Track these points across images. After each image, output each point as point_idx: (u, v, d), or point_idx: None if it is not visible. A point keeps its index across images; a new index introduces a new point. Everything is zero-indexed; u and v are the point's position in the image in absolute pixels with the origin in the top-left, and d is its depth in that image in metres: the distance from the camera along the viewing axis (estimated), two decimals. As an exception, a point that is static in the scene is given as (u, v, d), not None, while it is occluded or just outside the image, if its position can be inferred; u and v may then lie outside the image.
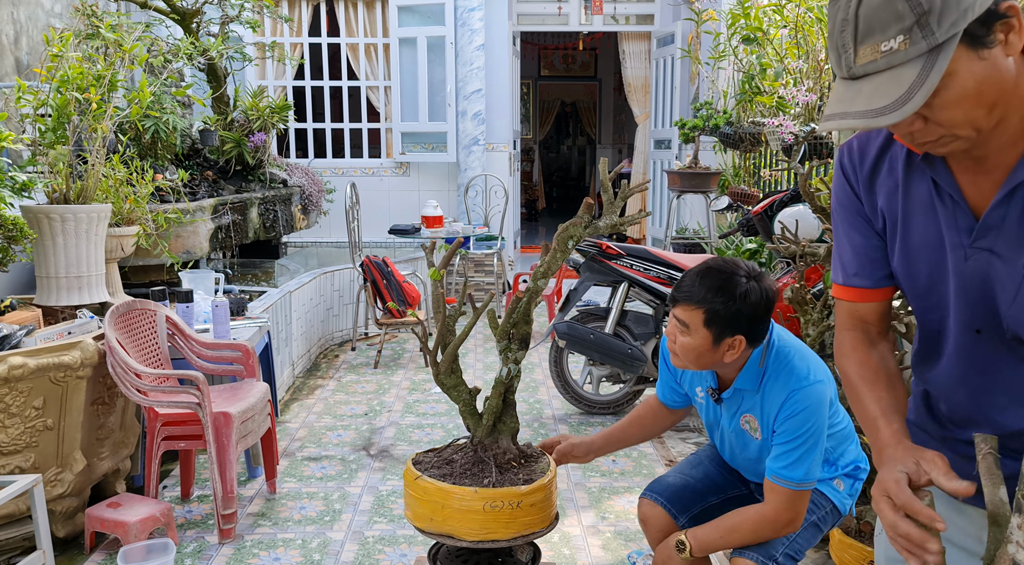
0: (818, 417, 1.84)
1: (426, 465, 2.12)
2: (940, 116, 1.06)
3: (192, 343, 3.31)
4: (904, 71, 1.01)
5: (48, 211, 3.21)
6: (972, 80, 1.03)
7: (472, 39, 7.70)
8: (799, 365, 1.89)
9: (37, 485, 2.47)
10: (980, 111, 1.06)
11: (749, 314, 1.82)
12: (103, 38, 4.06)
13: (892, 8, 1.01)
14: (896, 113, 1.01)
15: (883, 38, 1.02)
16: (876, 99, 1.02)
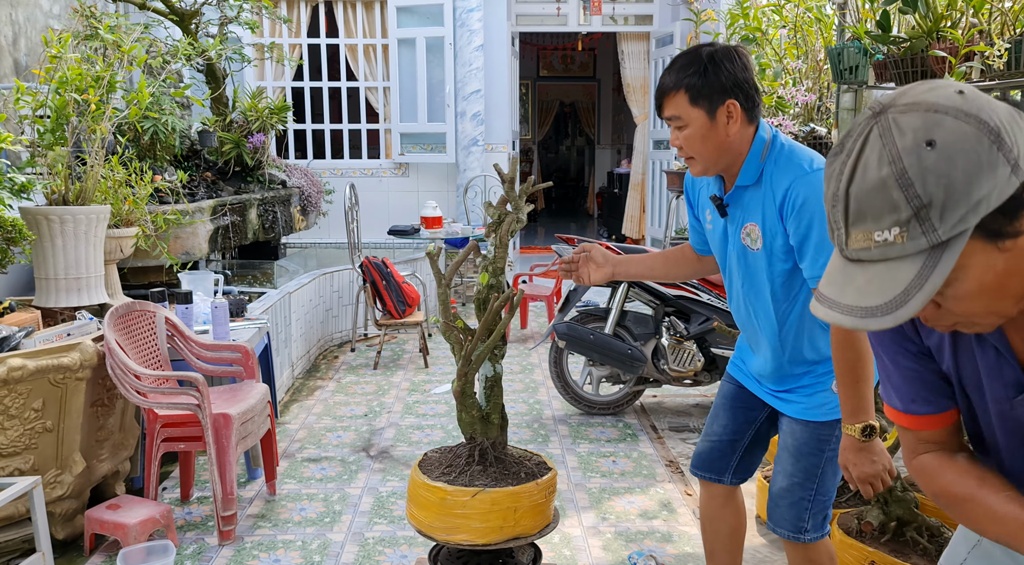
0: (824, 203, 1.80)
1: (429, 468, 2.12)
2: (954, 307, 0.93)
3: (191, 344, 3.31)
4: (901, 267, 0.87)
5: (47, 212, 3.20)
6: (991, 274, 0.90)
7: (471, 40, 7.70)
8: (801, 155, 1.82)
9: (36, 487, 2.46)
10: (1006, 302, 0.93)
11: (725, 73, 1.77)
12: (102, 39, 4.06)
13: (886, 196, 0.86)
14: (889, 317, 0.86)
15: (876, 227, 0.87)
16: (868, 295, 0.88)
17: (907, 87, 0.93)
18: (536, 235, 11.94)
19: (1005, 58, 2.58)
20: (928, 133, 0.85)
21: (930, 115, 0.86)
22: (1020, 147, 0.86)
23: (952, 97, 0.88)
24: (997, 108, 0.88)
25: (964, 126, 0.85)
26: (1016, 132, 0.87)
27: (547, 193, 15.42)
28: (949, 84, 0.90)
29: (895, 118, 0.88)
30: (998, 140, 0.85)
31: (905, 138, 0.86)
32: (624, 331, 4.22)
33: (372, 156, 8.55)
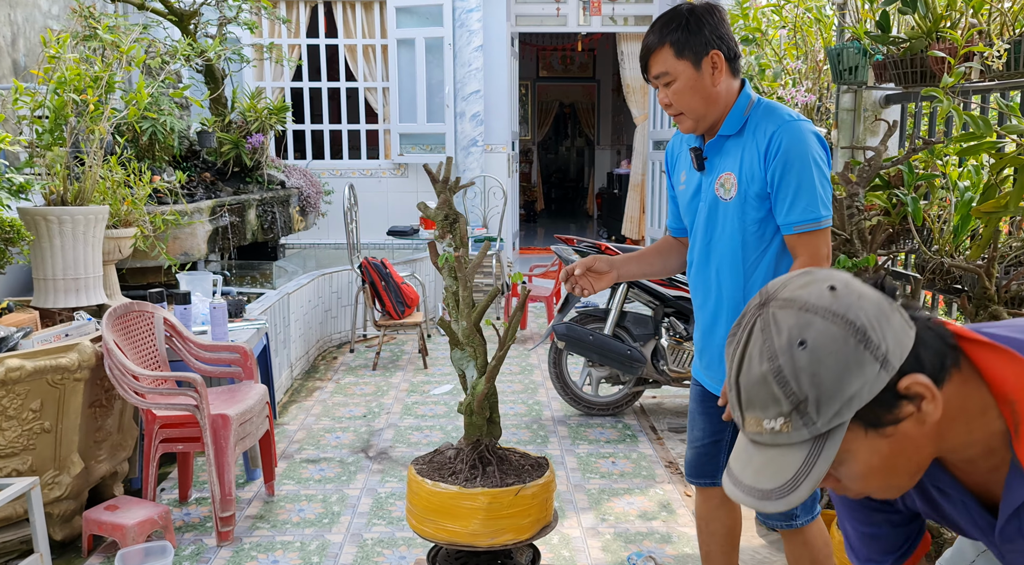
0: (807, 149, 1.83)
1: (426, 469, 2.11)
2: (851, 485, 0.99)
3: (190, 345, 3.30)
4: (789, 454, 0.93)
5: (45, 213, 3.20)
6: (877, 457, 0.95)
7: (470, 40, 7.70)
8: (783, 110, 1.91)
9: (34, 488, 2.45)
10: (899, 478, 0.99)
11: (708, 27, 1.85)
12: (100, 39, 4.06)
13: (768, 390, 0.93)
14: (782, 501, 0.93)
15: (764, 416, 0.94)
16: (763, 478, 0.95)
17: (789, 277, 0.99)
18: (536, 236, 11.94)
19: (1004, 58, 2.58)
20: (800, 333, 0.92)
21: (803, 314, 0.92)
22: (888, 342, 0.91)
23: (823, 295, 0.93)
24: (866, 305, 0.93)
25: (832, 327, 0.91)
26: (884, 328, 0.91)
27: (547, 194, 15.41)
28: (825, 277, 0.96)
29: (774, 313, 0.95)
30: (865, 339, 0.90)
31: (781, 337, 0.93)
32: (623, 332, 4.22)
33: (371, 157, 8.54)
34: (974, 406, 0.97)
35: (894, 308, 0.94)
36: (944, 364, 0.95)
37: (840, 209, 2.77)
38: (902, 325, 0.93)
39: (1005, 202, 2.42)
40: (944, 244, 3.03)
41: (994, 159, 2.48)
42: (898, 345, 0.92)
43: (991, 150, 2.41)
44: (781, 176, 1.84)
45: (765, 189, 1.88)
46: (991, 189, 2.65)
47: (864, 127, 4.29)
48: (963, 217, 2.94)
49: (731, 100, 1.93)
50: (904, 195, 2.99)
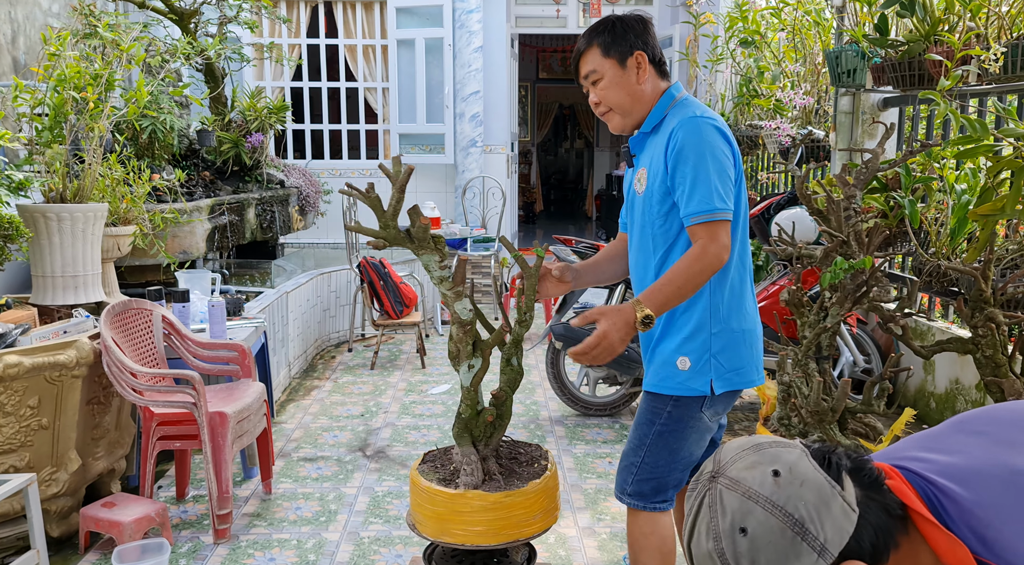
0: (702, 144, 1.87)
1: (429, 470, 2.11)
2: None
3: (188, 343, 3.31)
4: None
5: (44, 210, 3.20)
6: None
7: (470, 41, 7.70)
8: (693, 106, 1.97)
9: (31, 484, 2.46)
10: None
11: (632, 31, 1.98)
12: (100, 37, 4.06)
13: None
14: None
15: None
16: None
17: (737, 450, 1.03)
18: (535, 237, 11.95)
19: (1001, 62, 2.59)
20: (742, 520, 0.96)
21: (744, 502, 0.97)
22: (827, 532, 0.95)
23: (766, 482, 0.97)
24: (806, 494, 0.96)
25: (771, 519, 0.95)
26: (824, 517, 0.95)
27: (546, 195, 15.43)
28: (771, 459, 0.99)
29: (721, 493, 0.99)
30: (803, 531, 0.94)
31: (725, 520, 0.97)
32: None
33: (371, 157, 8.55)
34: None
35: (835, 494, 0.97)
36: (887, 541, 0.98)
37: (837, 211, 2.78)
38: (843, 511, 0.96)
39: (1002, 205, 2.43)
40: (941, 247, 3.04)
41: (991, 162, 2.49)
42: (837, 533, 0.95)
43: (988, 153, 2.42)
44: (677, 169, 1.89)
45: (665, 182, 1.93)
46: (988, 192, 2.66)
47: (862, 130, 4.30)
48: (960, 220, 2.95)
49: (656, 100, 2.02)
50: (901, 198, 3.00)
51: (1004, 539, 0.97)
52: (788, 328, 3.86)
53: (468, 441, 2.07)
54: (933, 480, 1.03)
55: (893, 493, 1.01)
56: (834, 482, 0.98)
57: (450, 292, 1.98)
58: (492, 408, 2.07)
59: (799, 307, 2.96)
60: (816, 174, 4.58)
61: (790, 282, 3.48)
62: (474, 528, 1.98)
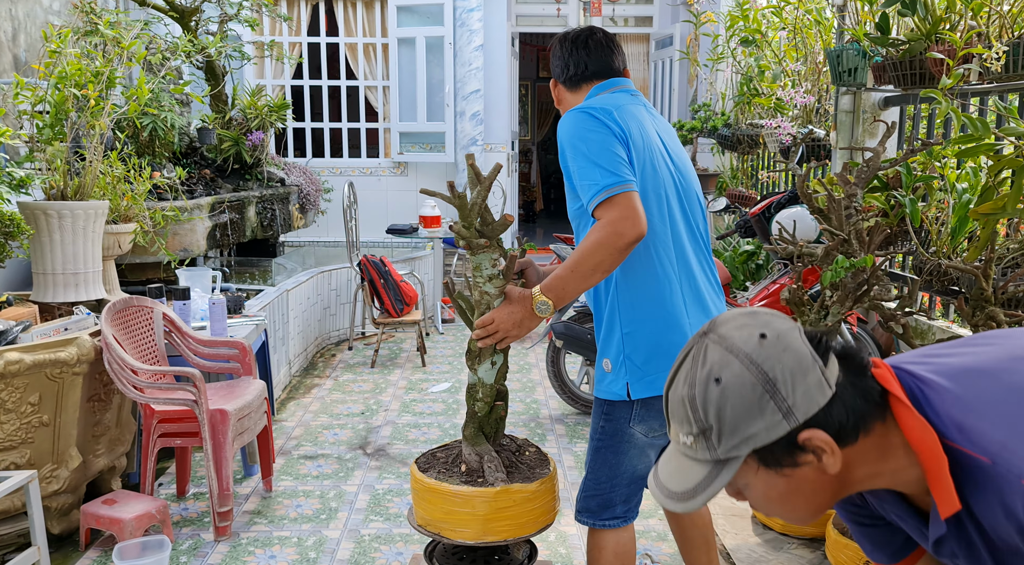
0: (570, 136, 1.89)
1: (429, 467, 2.11)
2: (758, 509, 1.10)
3: (189, 340, 3.31)
4: (695, 468, 1.04)
5: (45, 207, 3.20)
6: (775, 491, 1.05)
7: (471, 40, 7.70)
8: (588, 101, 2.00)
9: (32, 481, 2.46)
10: (799, 513, 1.07)
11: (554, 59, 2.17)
12: (101, 35, 4.06)
13: (684, 410, 1.04)
14: (681, 505, 1.04)
15: (680, 430, 1.05)
16: (673, 480, 1.06)
17: (734, 314, 1.08)
18: (535, 236, 11.94)
19: (1003, 61, 2.59)
20: (719, 371, 1.01)
21: (726, 355, 1.02)
22: (797, 398, 0.99)
23: (751, 341, 1.02)
24: (787, 359, 1.00)
25: (746, 373, 1.00)
26: (797, 384, 0.99)
27: (546, 194, 15.42)
28: (763, 324, 1.04)
29: (707, 346, 1.04)
30: (772, 390, 0.99)
31: (703, 369, 1.02)
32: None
33: (371, 155, 8.55)
34: (895, 456, 1.04)
35: (815, 367, 1.00)
36: (857, 423, 1.01)
37: (838, 210, 2.78)
38: (818, 384, 1.00)
39: (1003, 204, 2.43)
40: (942, 245, 3.04)
41: (992, 161, 2.49)
42: (807, 401, 0.99)
43: (989, 152, 2.42)
44: (566, 167, 1.92)
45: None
46: (989, 191, 2.66)
47: (863, 128, 4.30)
48: (961, 219, 2.95)
49: None
50: (902, 196, 3.00)
51: (983, 427, 0.97)
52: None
53: (483, 440, 2.06)
54: (921, 375, 1.05)
55: (876, 380, 1.04)
56: (817, 357, 1.01)
57: (496, 289, 1.94)
58: (501, 403, 2.07)
59: (800, 306, 2.96)
60: (817, 173, 4.58)
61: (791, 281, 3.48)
62: (520, 521, 1.98)
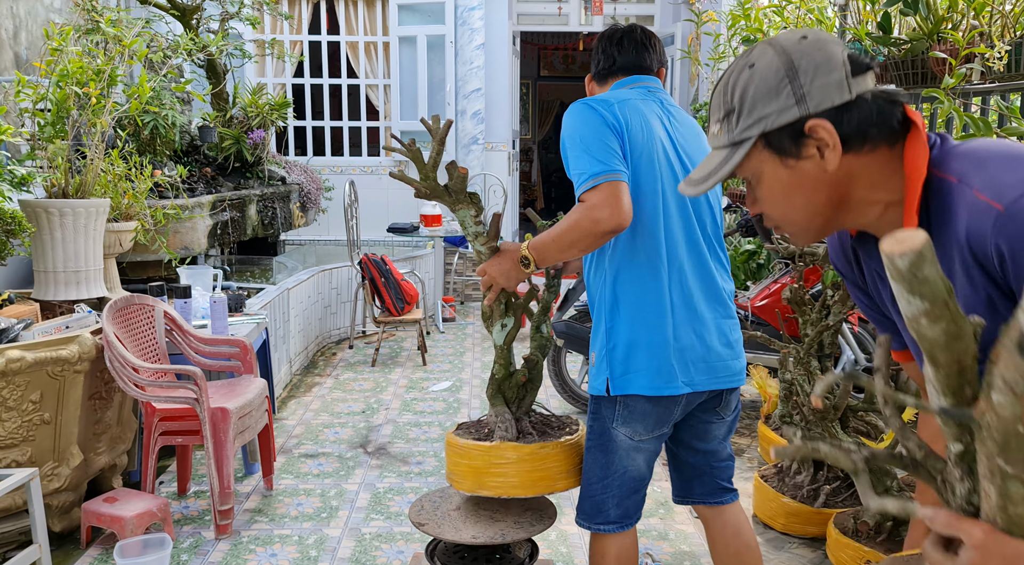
0: (567, 128, 1.91)
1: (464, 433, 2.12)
2: (763, 207, 1.15)
3: (190, 338, 3.31)
4: (716, 155, 1.12)
5: (46, 205, 3.20)
6: (777, 183, 1.09)
7: (472, 38, 7.70)
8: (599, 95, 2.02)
9: (34, 479, 2.46)
10: (794, 213, 1.12)
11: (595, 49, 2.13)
12: (103, 33, 4.06)
13: (719, 96, 1.11)
14: (698, 187, 1.12)
15: (713, 120, 1.13)
16: (700, 170, 1.14)
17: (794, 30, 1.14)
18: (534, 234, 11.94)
19: (1005, 60, 2.59)
20: (756, 59, 1.07)
21: (767, 47, 1.07)
22: (813, 89, 1.03)
23: (792, 38, 1.07)
24: (817, 56, 1.04)
25: (775, 59, 1.05)
26: (818, 78, 1.03)
27: (546, 193, 15.42)
28: (813, 33, 1.07)
29: (758, 46, 1.09)
30: (792, 76, 1.04)
31: (746, 58, 1.09)
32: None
33: (372, 153, 8.55)
34: (891, 187, 1.06)
35: (842, 70, 1.03)
36: (868, 134, 1.04)
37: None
38: (839, 84, 1.03)
39: (1004, 203, 2.43)
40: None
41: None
42: (822, 95, 1.03)
43: (991, 151, 2.42)
44: (565, 159, 1.93)
45: None
46: (990, 190, 2.66)
47: (865, 128, 4.30)
48: (962, 218, 2.95)
49: None
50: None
51: (987, 171, 0.97)
52: (790, 326, 3.86)
53: (501, 401, 2.09)
54: (947, 136, 1.07)
55: (904, 111, 1.07)
56: (848, 65, 1.03)
57: (484, 247, 1.99)
58: (524, 369, 2.09)
59: (801, 305, 2.96)
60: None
61: (792, 280, 3.48)
62: (509, 479, 2.00)
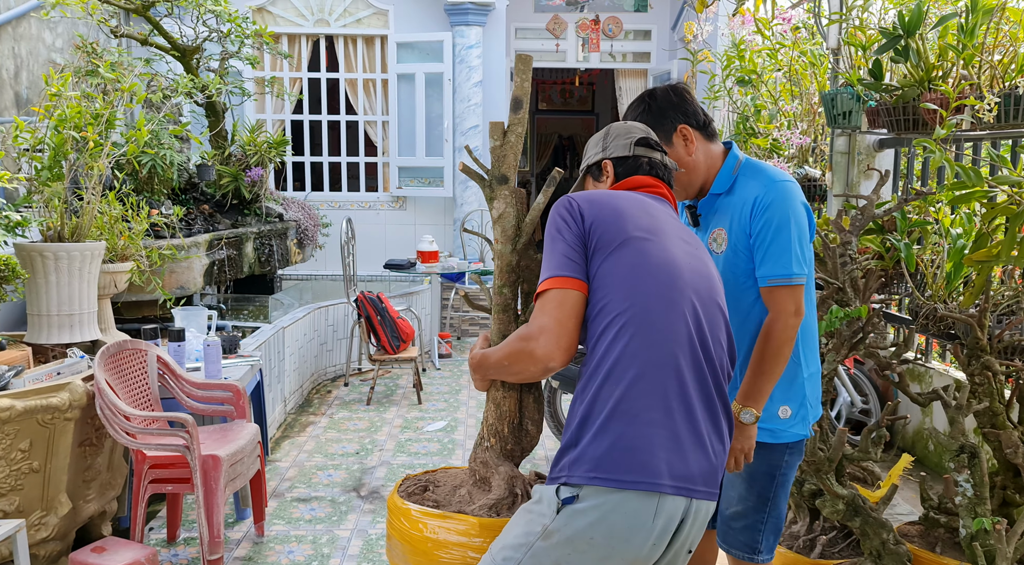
0: (790, 208, 1.93)
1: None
2: None
3: (182, 383, 3.29)
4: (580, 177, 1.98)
5: (42, 249, 3.20)
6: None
7: (470, 76, 7.77)
8: (771, 169, 2.02)
9: (20, 530, 2.43)
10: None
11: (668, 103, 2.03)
12: (102, 77, 4.09)
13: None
14: None
15: None
16: None
17: None
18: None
19: (995, 112, 2.61)
20: (603, 130, 1.93)
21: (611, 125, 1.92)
22: (611, 146, 1.86)
23: (619, 123, 1.93)
24: (620, 130, 1.87)
25: (604, 129, 1.93)
26: (616, 141, 1.87)
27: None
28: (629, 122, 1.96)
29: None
30: (605, 139, 1.89)
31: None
32: (618, 371, 4.20)
33: (370, 189, 8.58)
34: None
35: (630, 141, 1.87)
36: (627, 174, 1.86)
37: (833, 257, 2.78)
38: (625, 146, 1.86)
39: (996, 251, 2.43)
40: (937, 289, 3.04)
41: (985, 208, 2.50)
42: (615, 149, 1.89)
43: (983, 199, 2.43)
44: (761, 230, 1.94)
45: (749, 242, 1.97)
46: (983, 237, 2.66)
47: (858, 170, 4.32)
48: (956, 264, 2.95)
49: (715, 162, 2.06)
50: (897, 241, 3.00)
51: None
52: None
53: None
54: None
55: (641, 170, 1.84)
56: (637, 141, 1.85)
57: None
58: None
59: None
60: (813, 213, 4.59)
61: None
62: None
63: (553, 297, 1.57)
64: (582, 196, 1.75)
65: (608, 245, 1.61)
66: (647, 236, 1.63)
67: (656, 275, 1.58)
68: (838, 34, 3.82)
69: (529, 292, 2.10)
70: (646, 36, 8.67)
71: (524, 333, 1.60)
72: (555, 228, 1.70)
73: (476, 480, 2.01)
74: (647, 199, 1.75)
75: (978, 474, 2.29)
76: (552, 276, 1.59)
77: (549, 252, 1.66)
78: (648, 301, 1.55)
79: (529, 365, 1.58)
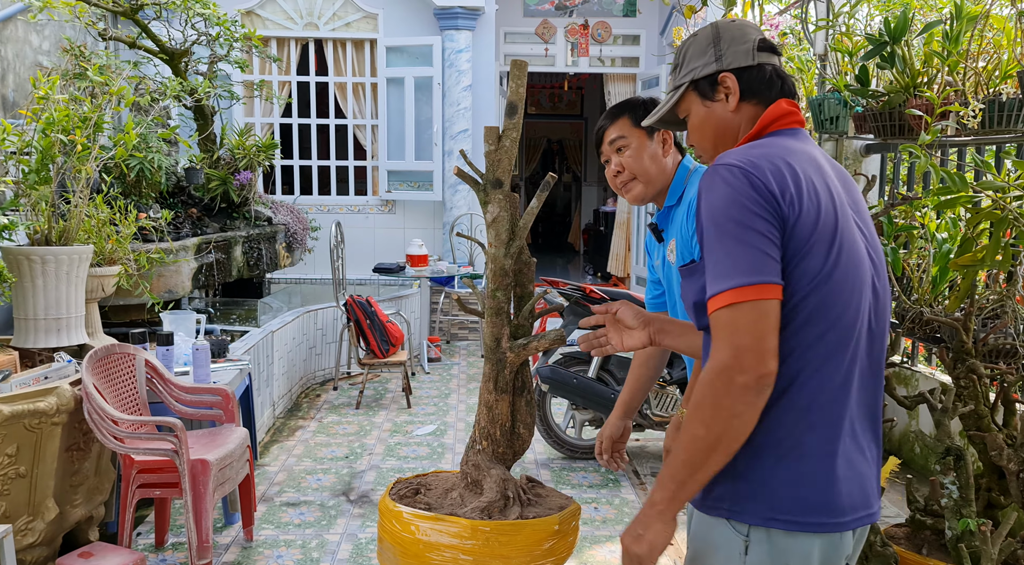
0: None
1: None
2: (691, 137, 1.56)
3: (171, 387, 3.28)
4: (666, 96, 1.60)
5: (28, 253, 3.19)
6: (697, 118, 1.52)
7: (459, 80, 7.78)
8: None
9: (7, 536, 2.41)
10: (705, 142, 1.53)
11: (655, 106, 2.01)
12: (90, 80, 4.07)
13: (675, 56, 1.58)
14: (650, 120, 1.64)
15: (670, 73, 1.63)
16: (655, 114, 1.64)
17: None
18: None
19: (979, 118, 2.64)
20: (699, 31, 1.54)
21: (709, 24, 1.53)
22: (727, 52, 1.47)
23: (726, 20, 1.55)
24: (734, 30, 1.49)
25: (708, 30, 1.52)
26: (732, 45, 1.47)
27: (534, 228, 15.49)
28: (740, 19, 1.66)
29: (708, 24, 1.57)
30: (717, 42, 1.49)
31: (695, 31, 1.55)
32: (608, 375, 4.22)
33: (359, 192, 8.58)
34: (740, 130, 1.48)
35: (750, 44, 1.47)
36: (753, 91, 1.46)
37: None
38: (747, 52, 1.46)
39: (982, 256, 2.46)
40: (923, 293, 3.07)
41: (970, 213, 2.52)
42: (733, 57, 1.47)
43: (968, 204, 2.45)
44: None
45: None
46: (968, 242, 2.69)
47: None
48: (941, 268, 2.98)
49: (672, 172, 2.07)
50: (884, 245, 3.03)
51: None
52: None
53: None
54: None
55: (784, 89, 1.47)
56: (758, 43, 1.47)
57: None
58: None
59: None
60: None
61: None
62: None
63: (748, 313, 1.21)
64: (757, 161, 1.28)
65: (819, 236, 1.26)
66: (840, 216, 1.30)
67: (857, 270, 1.30)
68: (825, 40, 3.85)
69: (522, 296, 2.11)
70: (635, 41, 8.71)
71: (715, 368, 1.23)
72: (737, 210, 1.26)
73: (468, 483, 2.02)
74: (809, 147, 1.38)
75: (964, 476, 2.31)
76: (742, 285, 1.22)
77: (733, 244, 1.26)
78: (847, 312, 1.29)
79: (744, 396, 1.22)
